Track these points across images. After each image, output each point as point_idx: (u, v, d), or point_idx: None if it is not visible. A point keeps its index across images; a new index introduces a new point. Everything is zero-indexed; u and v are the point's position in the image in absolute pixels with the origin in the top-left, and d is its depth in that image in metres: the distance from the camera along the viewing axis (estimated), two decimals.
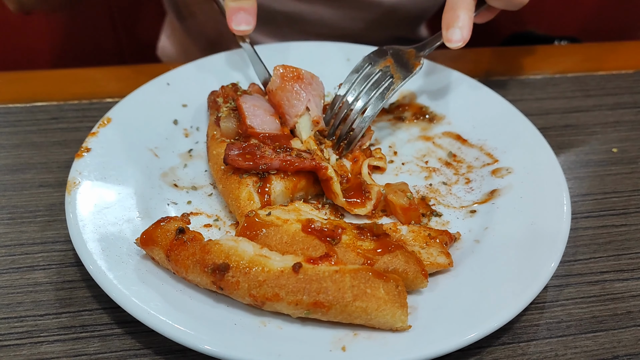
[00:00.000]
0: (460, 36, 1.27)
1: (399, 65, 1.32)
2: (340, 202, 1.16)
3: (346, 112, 1.29)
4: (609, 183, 1.33)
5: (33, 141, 1.37)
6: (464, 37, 1.27)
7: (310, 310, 0.93)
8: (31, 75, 1.60)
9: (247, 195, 1.12)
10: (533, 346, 1.01)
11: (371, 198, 1.18)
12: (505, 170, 1.25)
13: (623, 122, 1.51)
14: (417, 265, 1.00)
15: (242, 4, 1.34)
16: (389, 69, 1.31)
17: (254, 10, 1.35)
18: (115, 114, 1.30)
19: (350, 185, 1.19)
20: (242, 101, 1.25)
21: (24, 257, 1.12)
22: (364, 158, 1.25)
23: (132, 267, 1.01)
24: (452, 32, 1.28)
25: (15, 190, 1.25)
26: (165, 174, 1.23)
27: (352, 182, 1.19)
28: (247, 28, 1.34)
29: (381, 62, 1.32)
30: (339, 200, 1.16)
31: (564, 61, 1.74)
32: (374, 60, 1.33)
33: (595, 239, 1.20)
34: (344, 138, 1.27)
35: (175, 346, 0.97)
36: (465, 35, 1.27)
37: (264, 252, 0.98)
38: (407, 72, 1.31)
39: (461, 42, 1.28)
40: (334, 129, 1.29)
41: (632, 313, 1.07)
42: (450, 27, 1.28)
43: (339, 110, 1.30)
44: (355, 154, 1.26)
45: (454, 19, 1.27)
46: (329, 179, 1.16)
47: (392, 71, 1.31)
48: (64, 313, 1.03)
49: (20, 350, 0.98)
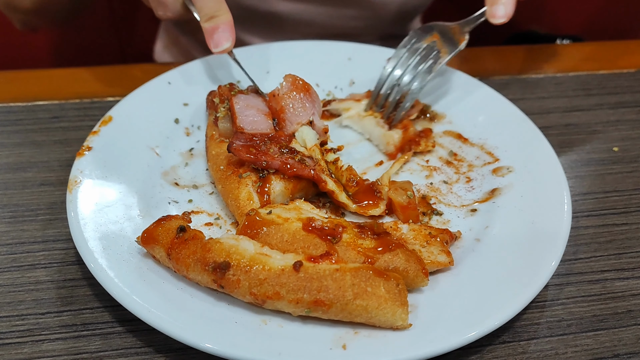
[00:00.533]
0: (504, 11, 1.31)
1: (445, 40, 1.38)
2: (352, 209, 1.16)
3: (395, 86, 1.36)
4: (610, 182, 1.33)
5: (34, 140, 1.37)
6: (507, 12, 1.31)
7: (311, 309, 0.93)
8: (32, 74, 1.60)
9: (246, 195, 1.12)
10: (534, 345, 1.01)
11: (383, 198, 1.18)
12: (506, 169, 1.25)
13: (624, 121, 1.51)
14: (417, 264, 1.00)
15: (217, 22, 1.28)
16: (435, 44, 1.38)
17: (231, 24, 1.29)
18: (117, 112, 1.30)
19: (360, 188, 1.19)
20: (235, 101, 1.25)
21: (25, 256, 1.12)
22: (412, 126, 1.33)
23: (133, 266, 1.02)
24: (496, 8, 1.32)
25: (17, 188, 1.26)
26: (166, 173, 1.24)
27: (360, 184, 1.19)
28: (227, 45, 1.29)
29: (427, 38, 1.39)
30: (350, 208, 1.16)
31: (565, 60, 1.74)
32: (420, 36, 1.40)
33: (596, 237, 1.20)
34: (393, 110, 1.35)
35: (176, 344, 0.97)
36: (510, 11, 1.31)
37: (264, 250, 0.98)
38: (453, 46, 1.37)
39: (505, 17, 1.31)
40: (383, 101, 1.36)
41: (632, 312, 1.07)
42: (495, 3, 1.31)
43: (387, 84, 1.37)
44: (404, 123, 1.33)
45: None
46: (331, 192, 1.16)
47: (439, 46, 1.37)
48: (65, 311, 1.04)
49: (22, 349, 0.98)
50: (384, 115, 1.36)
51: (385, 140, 1.32)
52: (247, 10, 1.80)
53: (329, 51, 1.53)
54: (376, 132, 1.34)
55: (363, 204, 1.17)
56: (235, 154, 1.14)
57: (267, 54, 1.53)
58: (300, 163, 1.15)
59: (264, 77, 1.45)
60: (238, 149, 1.13)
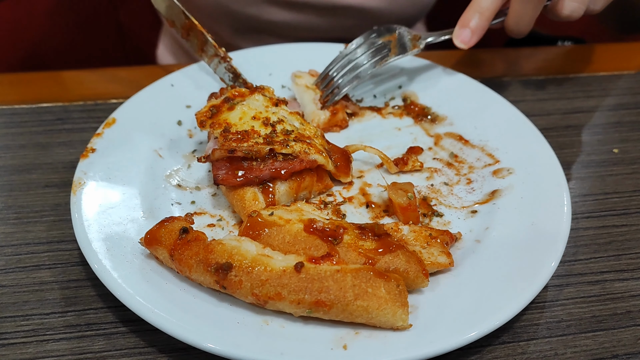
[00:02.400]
0: (468, 38, 1.37)
1: (400, 43, 1.42)
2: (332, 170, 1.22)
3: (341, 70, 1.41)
4: (609, 183, 1.34)
5: (39, 142, 1.39)
6: (470, 41, 1.38)
7: (312, 309, 0.94)
8: (37, 76, 1.61)
9: (251, 196, 1.13)
10: (533, 345, 1.02)
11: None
12: (506, 171, 1.26)
13: (624, 123, 1.51)
14: (418, 265, 1.01)
15: None
16: (390, 43, 1.41)
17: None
18: (120, 115, 1.31)
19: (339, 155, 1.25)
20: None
21: (30, 257, 1.14)
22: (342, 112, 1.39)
23: (137, 267, 1.03)
24: (462, 32, 1.38)
25: (22, 190, 1.27)
26: (170, 175, 1.25)
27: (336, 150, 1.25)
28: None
29: (386, 36, 1.43)
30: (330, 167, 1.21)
31: (565, 62, 1.74)
32: (381, 33, 1.45)
33: (596, 239, 1.21)
34: (331, 92, 1.40)
35: (179, 344, 0.98)
36: (473, 40, 1.38)
37: (266, 251, 0.99)
38: (404, 51, 1.42)
39: (466, 45, 1.38)
40: (327, 82, 1.41)
41: (631, 313, 1.08)
42: (464, 26, 1.38)
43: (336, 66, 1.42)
44: (335, 107, 1.39)
45: (469, 20, 1.37)
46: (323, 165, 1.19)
47: (392, 46, 1.41)
48: (69, 311, 1.05)
49: (27, 348, 0.99)
50: (322, 94, 1.40)
51: (312, 117, 1.37)
52: (249, 20, 1.81)
53: (328, 52, 1.54)
54: (308, 107, 1.39)
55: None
56: (225, 184, 1.14)
57: (267, 56, 1.54)
58: (287, 161, 1.15)
59: (266, 79, 1.46)
60: (226, 179, 1.14)
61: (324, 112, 1.38)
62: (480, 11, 1.36)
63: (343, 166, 1.23)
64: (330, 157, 1.21)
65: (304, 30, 1.85)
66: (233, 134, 1.16)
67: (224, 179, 1.14)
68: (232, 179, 1.14)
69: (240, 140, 1.15)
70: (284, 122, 1.21)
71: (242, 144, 1.14)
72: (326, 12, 1.81)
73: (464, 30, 1.38)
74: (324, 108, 1.38)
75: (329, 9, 1.80)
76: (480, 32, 1.38)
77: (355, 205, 1.22)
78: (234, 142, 1.15)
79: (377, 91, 1.50)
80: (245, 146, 1.14)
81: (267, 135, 1.17)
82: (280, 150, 1.14)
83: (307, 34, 1.85)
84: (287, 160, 1.15)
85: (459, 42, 1.39)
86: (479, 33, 1.38)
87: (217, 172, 1.15)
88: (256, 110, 1.21)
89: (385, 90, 1.50)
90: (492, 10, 1.37)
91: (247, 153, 1.13)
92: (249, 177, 1.13)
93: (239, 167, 1.14)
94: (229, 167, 1.15)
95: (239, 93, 1.26)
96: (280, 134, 1.18)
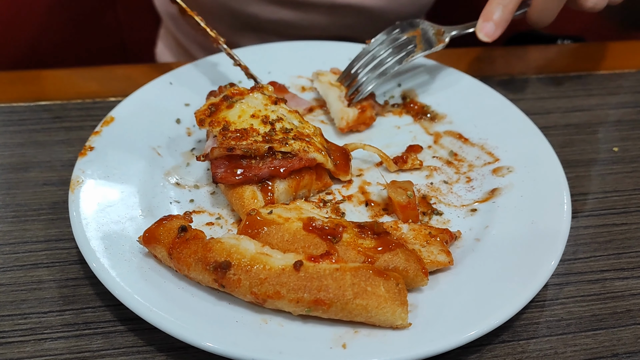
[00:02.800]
0: (492, 31, 1.36)
1: (425, 38, 1.42)
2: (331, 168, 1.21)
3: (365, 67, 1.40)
4: (610, 182, 1.34)
5: (37, 140, 1.38)
6: (495, 34, 1.36)
7: (311, 308, 0.93)
8: (35, 74, 1.61)
9: (250, 194, 1.13)
10: (533, 344, 1.02)
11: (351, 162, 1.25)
12: (506, 169, 1.26)
13: (624, 122, 1.51)
14: (417, 264, 1.01)
15: None
16: (415, 39, 1.41)
17: None
18: (118, 113, 1.31)
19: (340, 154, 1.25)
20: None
21: (28, 255, 1.13)
22: (370, 110, 1.37)
23: (135, 265, 1.02)
24: (485, 25, 1.36)
25: (19, 188, 1.26)
26: (168, 173, 1.24)
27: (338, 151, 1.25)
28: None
29: (410, 31, 1.43)
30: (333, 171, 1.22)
31: (566, 60, 1.74)
32: (404, 28, 1.44)
33: (596, 237, 1.21)
34: (356, 90, 1.38)
35: (178, 343, 0.98)
36: (497, 33, 1.36)
37: (265, 250, 0.99)
38: (429, 46, 1.41)
39: (490, 38, 1.36)
40: (351, 79, 1.40)
41: (632, 311, 1.07)
42: (488, 19, 1.36)
43: (360, 62, 1.42)
44: (362, 104, 1.37)
45: (492, 13, 1.35)
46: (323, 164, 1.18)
47: (417, 41, 1.41)
48: (67, 310, 1.04)
49: (24, 347, 0.99)
50: (347, 91, 1.39)
51: (340, 115, 1.36)
52: (249, 18, 1.81)
53: (329, 51, 1.54)
54: (335, 105, 1.38)
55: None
56: (223, 182, 1.14)
57: (269, 54, 1.53)
58: (286, 160, 1.14)
59: (265, 77, 1.46)
60: (225, 177, 1.13)
61: (352, 109, 1.37)
62: (504, 4, 1.35)
63: (342, 164, 1.23)
64: (330, 156, 1.21)
65: (304, 28, 1.85)
66: (232, 132, 1.16)
67: (222, 177, 1.14)
68: (231, 177, 1.13)
69: (239, 139, 1.15)
70: (283, 120, 1.20)
71: (241, 142, 1.14)
72: (326, 11, 1.81)
73: (487, 24, 1.36)
74: (351, 105, 1.37)
75: (329, 7, 1.79)
76: (504, 24, 1.36)
77: (354, 204, 1.21)
78: (233, 140, 1.14)
79: (376, 89, 1.49)
80: (244, 144, 1.13)
81: (266, 134, 1.17)
82: (280, 148, 1.14)
83: (307, 32, 1.85)
84: (286, 158, 1.15)
85: (483, 36, 1.37)
86: (502, 26, 1.36)
87: (216, 171, 1.14)
88: (255, 109, 1.21)
89: (385, 89, 1.50)
90: (515, 2, 1.35)
91: (246, 151, 1.13)
92: (248, 176, 1.13)
93: (237, 166, 1.14)
94: (227, 165, 1.14)
95: (238, 91, 1.25)
96: (280, 132, 1.18)
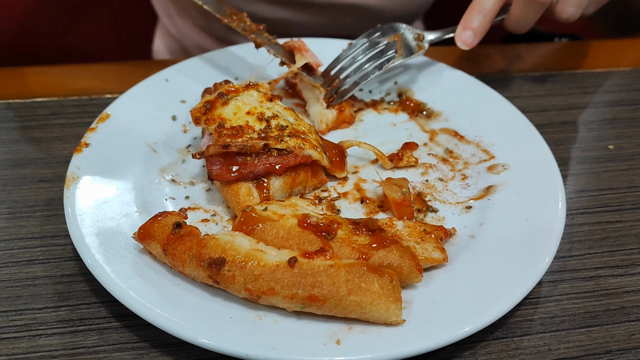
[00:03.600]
0: (470, 39, 1.38)
1: (405, 43, 1.42)
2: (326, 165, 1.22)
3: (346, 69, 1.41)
4: (604, 180, 1.34)
5: (33, 136, 1.38)
6: (473, 42, 1.39)
7: (305, 304, 0.94)
8: (31, 70, 1.61)
9: (246, 191, 1.13)
10: (527, 341, 1.02)
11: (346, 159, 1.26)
12: (501, 167, 1.26)
13: (619, 119, 1.51)
14: (411, 260, 1.01)
15: None
16: (396, 44, 1.41)
17: None
18: (114, 109, 1.31)
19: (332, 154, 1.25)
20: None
21: (23, 251, 1.13)
22: (349, 108, 1.39)
23: (130, 261, 1.02)
24: (464, 33, 1.39)
25: (15, 185, 1.26)
26: (164, 170, 1.24)
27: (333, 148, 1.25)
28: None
29: (391, 36, 1.43)
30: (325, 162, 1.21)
31: (561, 58, 1.74)
32: (385, 32, 1.45)
33: (590, 235, 1.21)
34: (335, 91, 1.39)
35: (172, 339, 0.98)
36: (475, 42, 1.39)
37: (260, 246, 0.99)
38: (410, 52, 1.42)
39: (468, 46, 1.39)
40: (330, 81, 1.40)
41: (625, 309, 1.08)
42: (467, 28, 1.38)
43: (340, 65, 1.42)
44: (341, 105, 1.38)
45: (471, 21, 1.37)
46: (318, 161, 1.18)
47: (398, 47, 1.41)
48: (62, 306, 1.04)
49: (19, 343, 0.99)
50: (327, 93, 1.38)
51: (319, 118, 1.37)
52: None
53: (328, 47, 1.54)
54: (314, 108, 1.39)
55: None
56: (219, 179, 1.14)
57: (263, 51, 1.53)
58: (281, 156, 1.14)
59: (262, 74, 1.46)
60: (220, 174, 1.13)
61: (330, 110, 1.37)
62: (483, 12, 1.37)
63: (338, 162, 1.23)
64: (325, 153, 1.21)
65: (302, 27, 1.85)
66: (227, 130, 1.16)
67: (218, 174, 1.14)
68: (226, 174, 1.14)
69: (235, 136, 1.15)
70: (279, 117, 1.20)
71: (237, 140, 1.14)
72: (324, 10, 1.81)
73: (465, 32, 1.38)
74: (330, 107, 1.37)
75: (327, 7, 1.79)
76: (482, 33, 1.39)
77: (349, 201, 1.21)
78: (228, 137, 1.14)
79: (372, 87, 1.50)
80: (240, 141, 1.14)
81: (261, 131, 1.17)
82: (275, 145, 1.14)
83: (304, 31, 1.85)
84: (282, 155, 1.15)
85: (461, 43, 1.40)
86: (481, 34, 1.39)
87: (211, 168, 1.14)
88: (250, 106, 1.21)
89: (381, 86, 1.50)
90: (494, 11, 1.37)
91: (242, 148, 1.13)
92: (243, 173, 1.13)
93: (233, 163, 1.14)
94: (223, 162, 1.14)
95: (233, 88, 1.25)
96: (275, 129, 1.18)
